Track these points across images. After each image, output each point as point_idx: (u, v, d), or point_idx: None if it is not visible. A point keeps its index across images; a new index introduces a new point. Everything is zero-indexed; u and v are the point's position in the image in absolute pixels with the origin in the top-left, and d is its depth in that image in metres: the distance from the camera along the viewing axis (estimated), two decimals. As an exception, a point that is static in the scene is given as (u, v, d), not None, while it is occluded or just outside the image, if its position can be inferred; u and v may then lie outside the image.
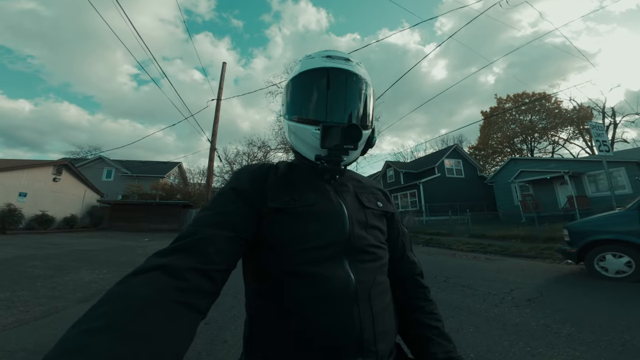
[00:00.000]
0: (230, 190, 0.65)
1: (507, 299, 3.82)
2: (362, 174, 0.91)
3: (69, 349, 0.34)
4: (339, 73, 0.71)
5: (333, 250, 0.62)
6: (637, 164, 13.76)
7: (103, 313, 0.39)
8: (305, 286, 0.58)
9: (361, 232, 0.67)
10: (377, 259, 0.68)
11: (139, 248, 9.97)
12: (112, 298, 0.41)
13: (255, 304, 0.64)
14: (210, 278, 0.50)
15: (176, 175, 32.52)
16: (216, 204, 0.63)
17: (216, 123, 11.31)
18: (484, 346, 2.49)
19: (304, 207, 0.65)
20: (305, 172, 0.74)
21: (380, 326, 0.61)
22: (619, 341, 2.49)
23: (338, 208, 0.68)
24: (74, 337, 0.35)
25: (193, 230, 0.55)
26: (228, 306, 3.61)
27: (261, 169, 0.72)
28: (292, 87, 0.75)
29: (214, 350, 2.53)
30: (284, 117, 0.77)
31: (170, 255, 0.49)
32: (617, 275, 4.52)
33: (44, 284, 4.71)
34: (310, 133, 0.68)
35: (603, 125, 11.53)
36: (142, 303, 0.40)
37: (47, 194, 17.84)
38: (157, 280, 0.44)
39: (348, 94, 0.72)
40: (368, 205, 0.75)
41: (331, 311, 0.57)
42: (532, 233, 10.12)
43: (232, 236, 0.57)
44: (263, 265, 0.63)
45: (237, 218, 0.60)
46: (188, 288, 0.46)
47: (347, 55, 0.76)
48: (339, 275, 0.60)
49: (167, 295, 0.43)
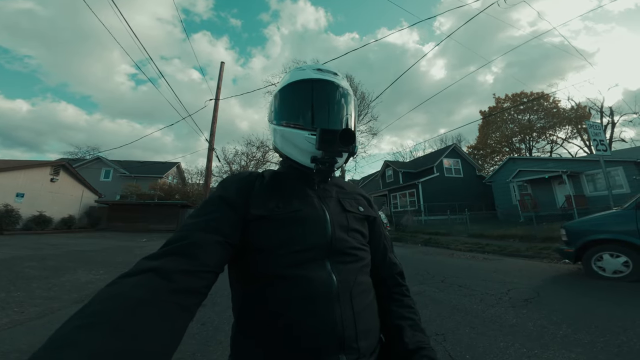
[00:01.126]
0: (217, 198, 0.68)
1: (504, 299, 3.81)
2: (360, 173, 0.93)
3: (60, 345, 0.34)
4: (330, 85, 0.78)
5: (315, 252, 0.65)
6: (635, 164, 13.78)
7: (94, 311, 0.39)
8: (289, 288, 0.61)
9: (342, 234, 0.71)
10: (358, 260, 0.71)
11: (136, 248, 9.94)
12: (104, 298, 0.42)
13: (241, 307, 0.66)
14: (200, 279, 0.52)
15: (174, 175, 32.48)
16: (204, 211, 0.65)
17: (214, 123, 11.26)
18: (480, 347, 2.48)
19: (288, 214, 0.68)
20: (290, 179, 0.78)
21: (362, 324, 0.64)
22: (616, 342, 2.48)
23: (321, 213, 0.72)
24: (65, 333, 0.36)
25: (183, 235, 0.57)
26: (224, 307, 3.60)
27: (247, 178, 0.75)
28: (285, 94, 0.80)
29: (208, 351, 2.52)
30: (273, 122, 0.81)
31: (162, 258, 0.51)
32: (614, 275, 4.52)
33: (39, 284, 4.68)
34: (303, 138, 0.72)
35: (601, 124, 11.56)
36: (133, 302, 0.41)
37: (44, 194, 17.78)
38: (149, 281, 0.46)
39: (338, 103, 0.78)
40: (350, 209, 0.79)
41: (314, 311, 0.59)
42: (530, 233, 10.14)
43: (220, 240, 0.59)
44: (248, 269, 0.65)
45: (224, 224, 0.62)
46: (179, 289, 0.47)
47: (334, 70, 0.83)
48: (321, 277, 0.63)
49: (159, 295, 0.44)
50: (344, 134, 0.68)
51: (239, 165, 26.87)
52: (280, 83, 0.82)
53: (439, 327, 2.91)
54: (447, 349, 2.47)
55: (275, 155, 16.48)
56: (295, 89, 0.78)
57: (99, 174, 26.90)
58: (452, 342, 2.58)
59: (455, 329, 2.88)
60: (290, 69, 0.86)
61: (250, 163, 26.73)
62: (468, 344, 2.54)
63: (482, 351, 2.41)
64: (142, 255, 0.53)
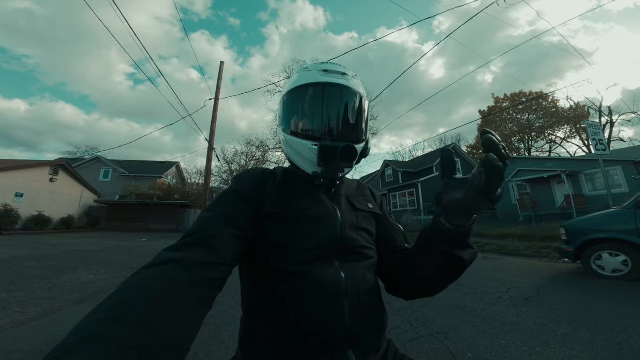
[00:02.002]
0: (232, 193, 0.68)
1: (505, 298, 3.83)
2: (360, 173, 0.93)
3: (84, 338, 0.35)
4: (336, 89, 0.73)
5: (325, 250, 0.66)
6: (634, 163, 13.82)
7: (118, 302, 0.40)
8: (299, 284, 0.62)
9: (352, 233, 0.71)
10: (366, 259, 0.72)
11: (136, 248, 9.92)
12: (127, 288, 0.43)
13: (251, 302, 0.67)
14: (218, 272, 0.53)
15: (174, 175, 32.41)
16: (220, 204, 0.66)
17: (214, 122, 11.26)
18: (482, 345, 2.49)
19: (299, 212, 0.69)
20: (301, 179, 0.77)
21: (369, 321, 0.65)
22: (616, 340, 2.50)
23: (332, 212, 0.72)
24: (88, 326, 0.36)
25: (202, 227, 0.57)
26: (226, 306, 3.60)
27: (262, 174, 0.75)
28: (289, 100, 0.77)
29: (210, 350, 2.52)
30: (280, 128, 0.80)
31: (183, 250, 0.52)
32: (613, 274, 4.55)
33: (40, 284, 4.68)
34: (307, 148, 0.71)
35: (600, 124, 11.59)
36: (156, 293, 0.42)
37: (43, 194, 17.72)
38: (171, 272, 0.46)
39: (344, 109, 0.74)
40: (359, 207, 0.79)
41: (323, 307, 0.60)
42: (529, 232, 10.18)
43: (237, 234, 0.60)
44: (260, 264, 0.66)
45: (240, 218, 0.63)
46: (199, 281, 0.48)
47: (343, 69, 0.77)
48: (330, 274, 0.64)
49: (180, 286, 0.45)
50: (345, 151, 0.67)
51: (239, 165, 26.77)
52: (287, 85, 0.80)
53: (440, 326, 2.92)
54: (449, 347, 2.48)
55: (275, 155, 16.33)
56: (299, 94, 0.75)
57: (98, 174, 26.82)
58: (453, 341, 2.59)
59: (457, 327, 2.89)
60: (298, 69, 0.83)
61: (250, 163, 26.67)
62: (470, 342, 2.55)
63: (484, 349, 2.43)
64: (143, 255, 0.53)
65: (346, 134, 0.73)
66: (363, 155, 0.79)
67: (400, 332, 2.82)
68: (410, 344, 2.57)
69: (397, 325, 2.96)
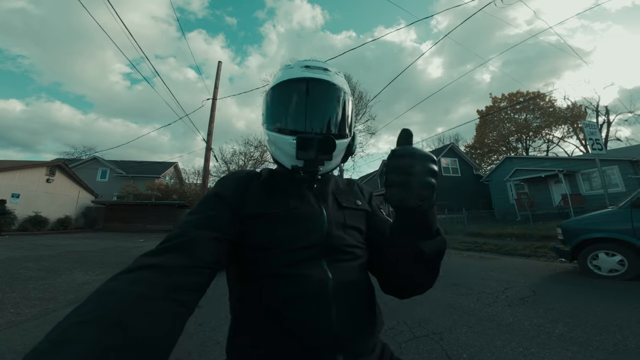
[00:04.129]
0: (213, 196, 0.67)
1: (501, 298, 3.83)
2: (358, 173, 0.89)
3: (59, 340, 0.34)
4: (317, 83, 0.72)
5: (312, 251, 0.65)
6: (630, 163, 13.88)
7: (93, 307, 0.39)
8: (285, 287, 0.60)
9: (339, 232, 0.70)
10: (355, 258, 0.69)
11: (133, 249, 9.90)
12: (103, 293, 0.42)
13: (238, 306, 0.66)
14: (198, 276, 0.51)
15: (172, 175, 32.34)
16: (201, 208, 0.65)
17: (212, 122, 11.22)
18: (477, 346, 2.49)
19: (284, 212, 0.68)
20: (286, 178, 0.75)
21: (359, 324, 0.63)
22: (611, 341, 2.50)
23: (317, 211, 0.70)
24: (64, 329, 0.36)
25: (180, 232, 0.56)
26: (221, 308, 3.58)
27: (245, 177, 0.74)
28: (271, 97, 0.75)
29: (205, 351, 2.52)
30: (263, 126, 0.78)
31: (160, 255, 0.51)
32: (609, 273, 4.56)
33: (35, 285, 4.66)
34: (287, 143, 0.69)
35: (596, 123, 11.60)
36: (133, 298, 0.41)
37: (40, 194, 17.64)
38: (148, 277, 0.45)
39: (325, 103, 0.72)
40: (346, 205, 0.77)
41: (310, 310, 0.59)
42: (526, 231, 10.20)
43: (218, 237, 0.58)
44: (246, 267, 0.65)
45: (221, 221, 0.62)
46: (177, 285, 0.47)
47: (325, 65, 0.77)
48: (317, 275, 0.62)
49: (158, 291, 0.44)
50: (323, 142, 0.64)
51: (237, 165, 26.75)
52: (270, 83, 0.79)
53: (435, 326, 2.92)
54: (444, 347, 2.47)
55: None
56: (280, 91, 0.74)
57: (95, 174, 26.74)
58: (449, 341, 2.59)
59: (452, 327, 2.89)
60: (281, 67, 0.81)
61: (249, 163, 26.66)
62: (465, 343, 2.55)
63: (479, 350, 2.42)
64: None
65: (328, 128, 0.71)
66: (349, 152, 0.78)
67: (396, 332, 2.81)
68: (405, 344, 2.57)
69: (392, 325, 2.96)
